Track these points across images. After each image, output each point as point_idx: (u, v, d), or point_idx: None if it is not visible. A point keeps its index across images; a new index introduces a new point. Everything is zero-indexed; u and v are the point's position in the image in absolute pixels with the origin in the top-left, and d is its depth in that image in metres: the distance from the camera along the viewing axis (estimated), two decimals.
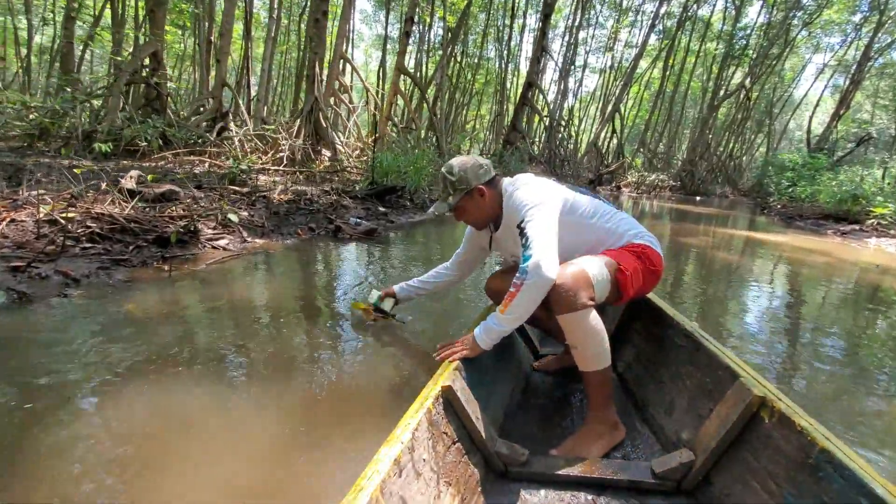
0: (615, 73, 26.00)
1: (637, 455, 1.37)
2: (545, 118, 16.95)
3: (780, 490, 0.97)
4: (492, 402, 1.45)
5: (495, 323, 1.39)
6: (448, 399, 1.20)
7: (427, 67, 19.58)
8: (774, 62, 24.10)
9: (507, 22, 20.73)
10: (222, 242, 3.47)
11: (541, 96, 16.88)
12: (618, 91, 20.45)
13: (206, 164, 7.46)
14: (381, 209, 5.63)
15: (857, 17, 22.54)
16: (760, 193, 23.66)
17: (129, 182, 3.98)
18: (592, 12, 25.12)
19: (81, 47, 14.15)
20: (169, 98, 9.82)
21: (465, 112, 26.42)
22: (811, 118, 26.79)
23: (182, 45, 21.42)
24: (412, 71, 15.25)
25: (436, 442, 1.09)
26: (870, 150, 24.50)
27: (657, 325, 1.69)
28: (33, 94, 14.45)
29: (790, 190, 15.33)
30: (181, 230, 3.22)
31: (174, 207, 3.54)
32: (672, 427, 1.38)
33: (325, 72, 11.37)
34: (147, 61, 9.22)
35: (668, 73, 24.03)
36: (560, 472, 1.20)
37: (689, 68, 26.20)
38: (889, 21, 20.34)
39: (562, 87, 21.73)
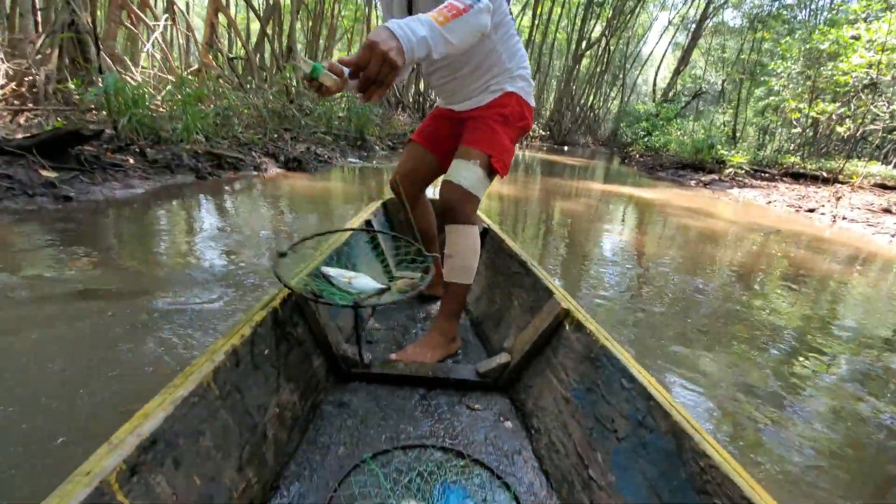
0: None
1: (466, 361, 1.42)
2: None
3: (568, 378, 1.09)
4: (343, 309, 1.40)
5: (431, 29, 0.90)
6: (297, 302, 1.13)
7: None
8: (629, 17, 23.53)
9: None
10: None
11: None
12: None
13: None
14: (49, 175, 2.80)
15: None
16: (616, 143, 23.77)
17: None
18: None
19: None
20: None
21: (328, 54, 22.34)
22: (657, 73, 27.38)
23: None
24: None
25: (280, 341, 1.04)
26: (700, 103, 25.64)
27: (498, 255, 1.74)
28: None
29: (645, 139, 14.67)
30: None
31: None
32: (497, 338, 1.48)
33: None
34: None
35: (536, 21, 22.32)
36: (397, 374, 1.24)
37: (555, 19, 24.80)
38: None
39: None
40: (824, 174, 9.98)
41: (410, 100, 14.09)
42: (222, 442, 0.77)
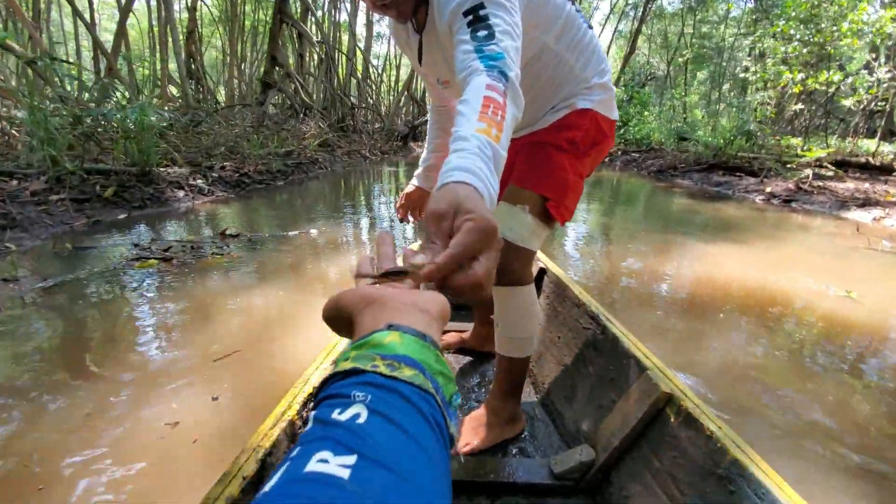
0: None
1: (535, 448, 1.05)
2: (317, 46, 9.80)
3: (683, 497, 0.72)
4: None
5: (494, 153, 0.50)
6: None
7: None
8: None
9: None
10: None
11: (310, 16, 9.67)
12: None
13: None
14: None
15: None
16: None
17: None
18: None
19: None
20: None
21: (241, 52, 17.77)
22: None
23: None
24: None
25: None
26: (648, 89, 22.87)
27: (561, 303, 1.27)
28: None
29: (622, 131, 11.17)
30: None
31: None
32: (572, 417, 1.08)
33: None
34: None
35: None
36: (454, 478, 0.87)
37: None
38: None
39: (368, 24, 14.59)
40: (870, 161, 6.81)
41: (322, 103, 9.95)
42: None
